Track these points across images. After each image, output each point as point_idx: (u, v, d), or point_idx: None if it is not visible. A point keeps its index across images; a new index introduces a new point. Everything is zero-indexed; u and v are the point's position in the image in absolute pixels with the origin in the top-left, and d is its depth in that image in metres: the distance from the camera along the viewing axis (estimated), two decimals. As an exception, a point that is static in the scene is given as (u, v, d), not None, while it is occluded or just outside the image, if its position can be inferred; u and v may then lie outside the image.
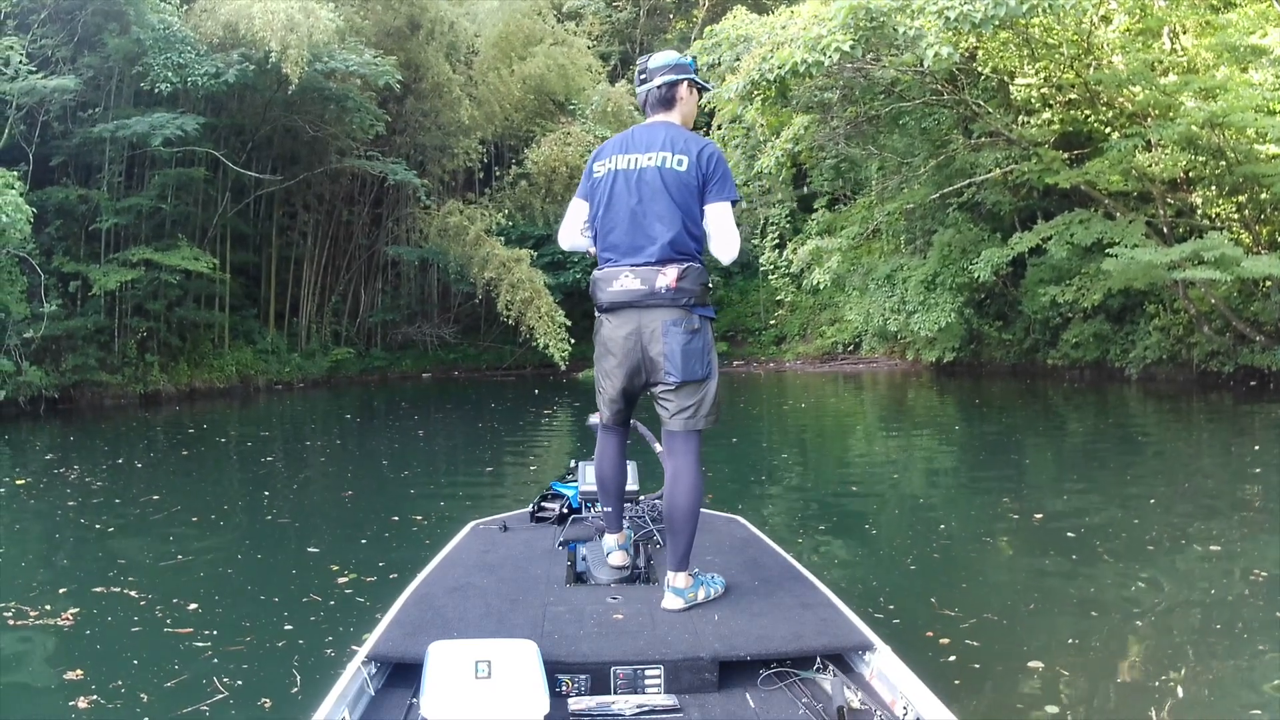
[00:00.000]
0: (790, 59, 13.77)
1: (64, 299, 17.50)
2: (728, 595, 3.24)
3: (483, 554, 3.80)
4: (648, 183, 3.28)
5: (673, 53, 3.55)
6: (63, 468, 11.03)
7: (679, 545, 3.23)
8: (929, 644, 4.57)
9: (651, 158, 3.29)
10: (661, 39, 33.33)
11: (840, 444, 13.97)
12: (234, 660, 4.54)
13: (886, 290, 21.36)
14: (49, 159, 17.99)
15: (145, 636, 5.02)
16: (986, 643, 4.62)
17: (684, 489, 3.28)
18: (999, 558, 6.70)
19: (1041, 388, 19.58)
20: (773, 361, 29.79)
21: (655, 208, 3.26)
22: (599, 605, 3.15)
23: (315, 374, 25.13)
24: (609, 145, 3.47)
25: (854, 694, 2.65)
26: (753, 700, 2.67)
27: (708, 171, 3.28)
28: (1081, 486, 9.35)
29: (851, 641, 2.87)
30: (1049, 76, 17.80)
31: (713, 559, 3.62)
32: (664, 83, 3.42)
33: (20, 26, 16.62)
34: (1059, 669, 4.30)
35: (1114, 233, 16.29)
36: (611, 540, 3.62)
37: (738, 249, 3.32)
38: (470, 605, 3.13)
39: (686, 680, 2.71)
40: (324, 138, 22.73)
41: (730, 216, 3.32)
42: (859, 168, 22.54)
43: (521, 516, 4.45)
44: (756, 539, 4.06)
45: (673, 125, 3.42)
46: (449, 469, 11.94)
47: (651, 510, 4.10)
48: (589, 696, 2.66)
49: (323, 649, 4.71)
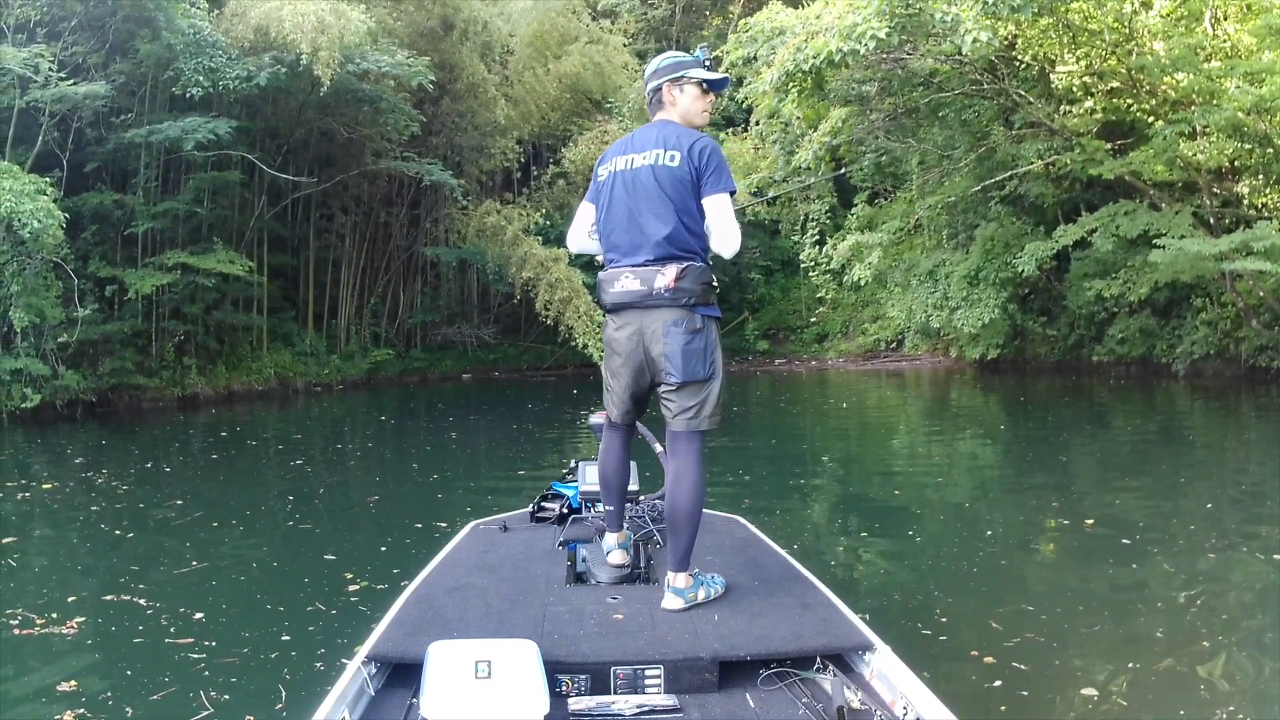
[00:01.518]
0: (825, 48, 13.47)
1: (100, 303, 17.55)
2: (728, 595, 3.24)
3: (483, 554, 3.79)
4: (642, 182, 3.30)
5: (671, 54, 3.57)
6: (90, 471, 10.97)
7: (680, 545, 3.22)
8: (974, 665, 4.26)
9: (645, 157, 3.32)
10: (698, 35, 33.05)
11: (882, 445, 13.63)
12: (226, 673, 4.41)
13: (929, 286, 20.99)
14: (83, 165, 18.03)
15: (145, 647, 4.92)
16: (1036, 666, 4.28)
17: (686, 489, 3.26)
18: (1050, 569, 6.33)
19: (1087, 385, 19.11)
20: (815, 360, 29.41)
21: (650, 206, 3.26)
22: (599, 605, 3.14)
23: (355, 375, 25.12)
24: (613, 148, 3.51)
25: (854, 694, 2.64)
26: (753, 700, 2.66)
27: (700, 165, 3.26)
28: (1132, 489, 8.96)
29: (851, 641, 2.86)
30: (1090, 64, 17.34)
31: (713, 559, 3.61)
32: (651, 87, 3.49)
33: (51, 35, 16.66)
34: (1116, 699, 3.95)
35: (1160, 224, 15.90)
36: (611, 539, 3.60)
37: (739, 242, 3.29)
38: (470, 605, 3.12)
39: (686, 680, 2.71)
40: (359, 139, 22.68)
41: (728, 208, 3.29)
42: (899, 162, 22.15)
43: (521, 516, 4.44)
44: (756, 539, 4.05)
45: (669, 124, 3.42)
46: (480, 472, 11.76)
47: (651, 510, 4.10)
48: (589, 696, 2.66)
49: (313, 661, 4.56)
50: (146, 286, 17.75)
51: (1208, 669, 4.25)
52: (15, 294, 14.86)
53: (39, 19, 16.51)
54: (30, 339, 15.66)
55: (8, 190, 13.88)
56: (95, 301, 17.24)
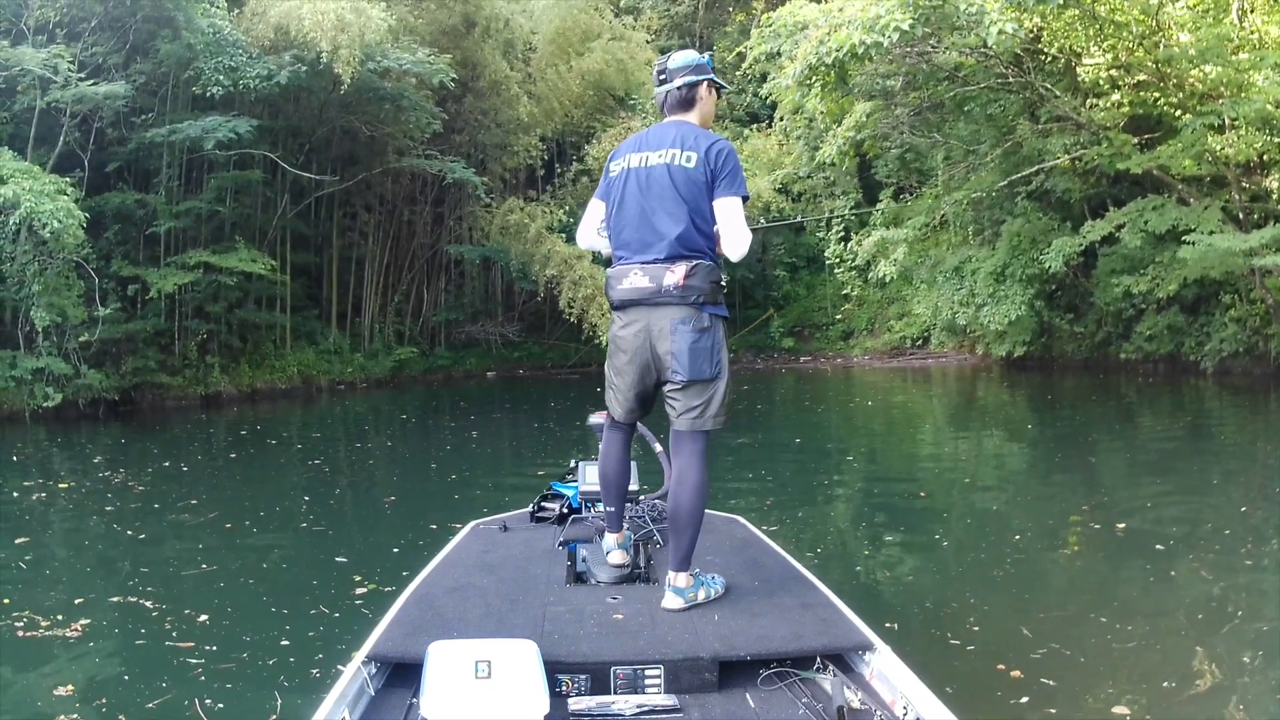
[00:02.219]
0: (848, 40, 13.27)
1: (123, 302, 17.60)
2: (728, 595, 3.23)
3: (483, 554, 3.79)
4: (656, 180, 3.28)
5: (692, 52, 3.51)
6: (109, 471, 10.95)
7: (681, 545, 3.20)
8: (999, 679, 4.08)
9: (661, 155, 3.29)
10: (721, 32, 32.87)
11: (908, 445, 13.41)
12: (222, 679, 4.36)
13: (955, 283, 20.73)
14: (105, 165, 18.09)
15: (146, 651, 4.89)
16: (1065, 682, 4.09)
17: (689, 489, 3.24)
18: (1081, 575, 6.12)
19: (1114, 383, 18.81)
20: (840, 357, 29.10)
21: (663, 205, 3.25)
22: (599, 605, 3.14)
23: (378, 374, 25.08)
24: (625, 145, 3.48)
25: (854, 694, 2.63)
26: (753, 700, 2.66)
27: (716, 167, 3.24)
28: (1164, 491, 8.71)
29: (851, 641, 2.86)
30: (1117, 56, 17.03)
31: (713, 559, 3.60)
32: (685, 83, 3.40)
33: (71, 36, 16.71)
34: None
35: (1188, 219, 15.66)
36: (611, 539, 3.58)
37: (747, 246, 3.25)
38: (470, 605, 3.12)
39: (686, 680, 2.70)
40: (381, 137, 22.62)
41: (739, 212, 3.26)
42: (924, 158, 21.89)
43: (521, 516, 4.42)
44: (756, 539, 4.04)
45: (686, 124, 3.39)
46: (500, 471, 11.64)
47: (652, 510, 4.09)
48: (589, 696, 2.66)
49: (310, 668, 4.49)
50: (168, 285, 17.77)
51: (1248, 688, 4.05)
52: (37, 294, 14.90)
53: (58, 20, 16.57)
54: (52, 338, 15.71)
55: (28, 190, 13.89)
56: (118, 301, 17.28)
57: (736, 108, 31.51)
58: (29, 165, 14.94)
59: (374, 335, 26.12)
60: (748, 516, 4.49)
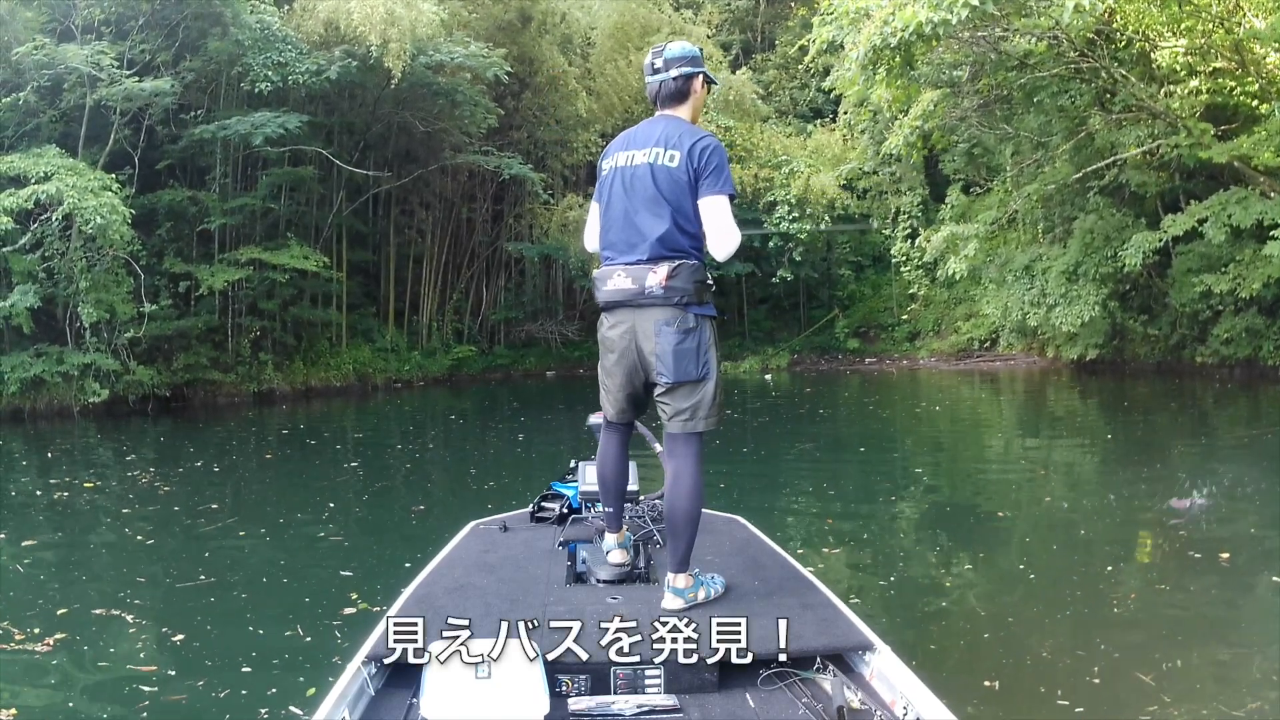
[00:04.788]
0: (914, 19, 12.55)
1: (175, 299, 17.60)
2: (728, 595, 3.23)
3: (483, 554, 3.77)
4: (640, 180, 3.23)
5: (686, 43, 3.41)
6: (137, 470, 10.75)
7: (679, 546, 3.19)
8: None
9: (646, 154, 3.24)
10: (783, 26, 32.23)
11: (979, 454, 12.61)
12: (169, 714, 4.06)
13: (1025, 282, 19.82)
14: (156, 163, 18.13)
15: (104, 674, 4.62)
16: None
17: (684, 491, 3.23)
18: (1194, 620, 5.26)
19: (1190, 388, 17.81)
20: (906, 359, 28.26)
21: (646, 205, 3.20)
22: (599, 605, 3.12)
23: (436, 372, 24.95)
24: (615, 142, 3.42)
25: (854, 694, 2.62)
26: (753, 700, 2.67)
27: (699, 166, 3.16)
28: (1267, 515, 7.76)
29: (851, 641, 2.86)
30: (1194, 40, 16.03)
31: (713, 559, 3.58)
32: (680, 74, 3.31)
33: (118, 34, 16.75)
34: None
35: (1274, 213, 14.62)
36: (611, 539, 3.55)
37: (735, 245, 3.18)
38: (470, 605, 3.09)
39: (686, 680, 2.71)
40: (437, 134, 22.45)
41: (725, 211, 3.18)
42: (991, 153, 21.00)
43: (521, 516, 4.39)
44: (756, 539, 4.03)
45: (674, 119, 3.32)
46: (538, 477, 11.16)
47: (651, 510, 4.07)
48: (589, 696, 2.66)
49: (259, 705, 4.09)
50: (218, 282, 17.75)
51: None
52: (84, 290, 14.86)
53: (104, 18, 16.56)
54: (101, 334, 15.68)
55: (71, 187, 13.83)
56: (169, 297, 17.28)
57: (799, 103, 30.81)
58: (74, 162, 14.95)
59: (432, 333, 26.00)
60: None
